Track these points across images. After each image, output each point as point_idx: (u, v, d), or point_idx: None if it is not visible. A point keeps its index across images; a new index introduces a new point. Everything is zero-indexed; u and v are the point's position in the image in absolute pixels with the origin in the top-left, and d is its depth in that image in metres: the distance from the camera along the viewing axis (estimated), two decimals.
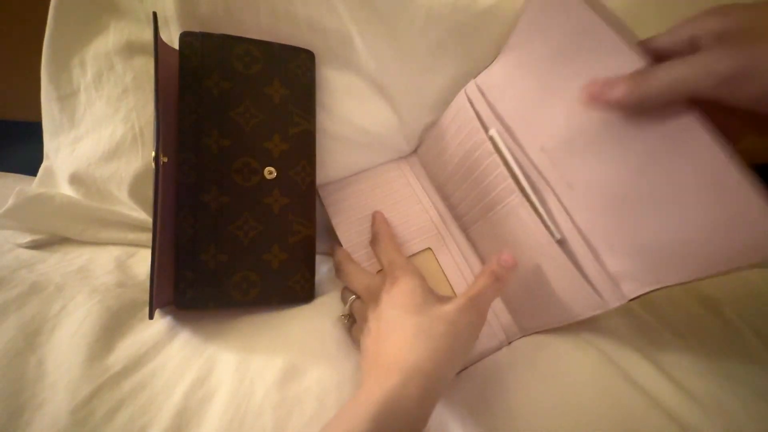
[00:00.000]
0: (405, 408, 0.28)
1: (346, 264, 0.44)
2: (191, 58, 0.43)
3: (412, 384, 0.29)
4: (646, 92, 0.28)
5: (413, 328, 0.33)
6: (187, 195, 0.42)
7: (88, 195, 0.54)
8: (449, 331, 0.32)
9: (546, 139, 0.38)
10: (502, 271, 0.35)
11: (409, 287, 0.36)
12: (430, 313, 0.34)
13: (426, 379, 0.29)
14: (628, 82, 0.29)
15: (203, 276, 0.42)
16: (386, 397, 0.28)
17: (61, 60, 0.52)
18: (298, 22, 0.46)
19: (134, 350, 0.38)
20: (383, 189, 0.50)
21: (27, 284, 0.42)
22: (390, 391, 0.28)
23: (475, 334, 0.34)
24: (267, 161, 0.44)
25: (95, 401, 0.33)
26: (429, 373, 0.30)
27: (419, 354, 0.31)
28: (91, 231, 0.53)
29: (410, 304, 0.35)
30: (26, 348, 0.37)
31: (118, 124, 0.51)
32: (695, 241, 0.29)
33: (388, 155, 0.53)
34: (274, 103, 0.45)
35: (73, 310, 0.41)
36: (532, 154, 0.39)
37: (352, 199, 0.49)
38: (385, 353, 0.32)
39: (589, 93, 0.31)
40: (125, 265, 0.50)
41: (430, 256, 0.46)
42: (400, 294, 0.36)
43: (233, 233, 0.43)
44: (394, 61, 0.47)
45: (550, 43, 0.36)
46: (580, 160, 0.35)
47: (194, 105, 0.43)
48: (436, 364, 0.30)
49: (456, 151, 0.46)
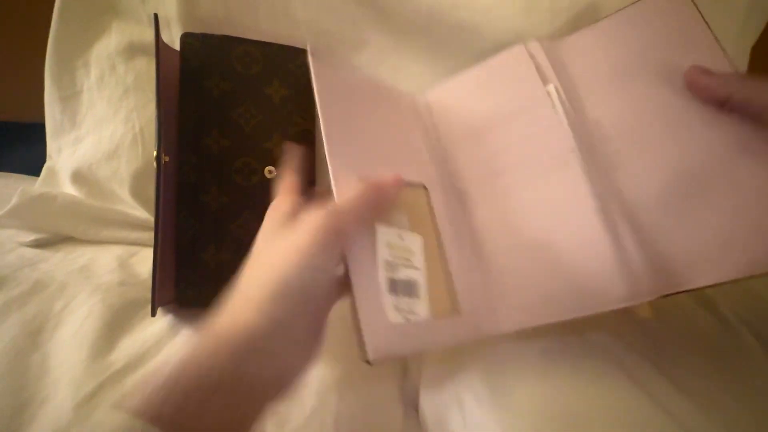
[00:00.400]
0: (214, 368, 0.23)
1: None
2: (192, 58, 0.44)
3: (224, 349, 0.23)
4: (733, 95, 0.31)
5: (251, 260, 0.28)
6: (187, 194, 0.43)
7: (90, 194, 0.55)
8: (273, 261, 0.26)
9: (607, 115, 0.38)
10: (385, 182, 0.31)
11: (276, 202, 0.32)
12: (273, 237, 0.28)
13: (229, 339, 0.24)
14: (725, 78, 0.32)
15: (204, 275, 0.43)
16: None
17: (65, 61, 0.52)
18: (297, 23, 0.46)
19: (136, 348, 0.39)
20: (388, 111, 0.42)
21: (30, 282, 0.43)
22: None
23: (325, 275, 0.26)
24: (267, 161, 0.45)
25: (98, 398, 0.34)
26: (229, 329, 0.24)
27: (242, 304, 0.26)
28: (94, 230, 0.54)
29: (270, 223, 0.30)
30: (29, 345, 0.37)
31: (119, 125, 0.51)
32: (744, 238, 0.31)
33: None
34: (274, 103, 0.45)
35: (75, 308, 0.41)
36: (588, 123, 0.38)
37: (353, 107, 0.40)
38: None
39: (690, 74, 0.33)
40: (127, 264, 0.50)
41: (422, 194, 0.39)
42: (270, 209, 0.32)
43: (234, 232, 0.43)
44: (395, 60, 0.48)
45: (649, 31, 0.38)
46: (648, 141, 0.36)
47: (195, 105, 0.43)
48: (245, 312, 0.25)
49: (492, 103, 0.41)
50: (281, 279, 0.25)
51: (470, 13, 0.46)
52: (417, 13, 0.46)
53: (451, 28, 0.46)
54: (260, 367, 0.23)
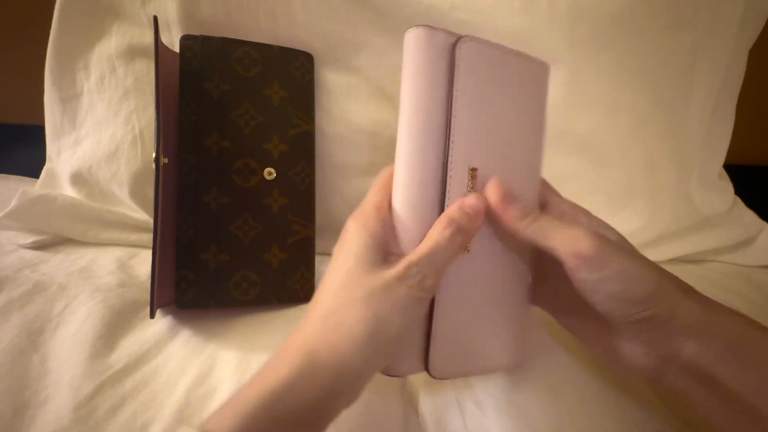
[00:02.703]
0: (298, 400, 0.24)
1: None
2: (192, 60, 0.44)
3: (309, 375, 0.24)
4: (521, 231, 0.28)
5: (335, 296, 0.26)
6: (187, 196, 0.43)
7: (90, 196, 0.55)
8: (372, 309, 0.25)
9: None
10: (464, 219, 0.27)
11: (349, 235, 0.28)
12: (360, 278, 0.26)
13: (324, 371, 0.24)
14: (518, 213, 0.28)
15: (204, 276, 0.43)
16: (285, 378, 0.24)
17: (66, 63, 0.53)
18: (297, 24, 0.47)
19: (136, 348, 0.39)
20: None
21: (30, 284, 0.43)
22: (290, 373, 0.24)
23: (415, 311, 0.27)
24: (266, 162, 0.45)
25: (98, 398, 0.34)
26: (329, 363, 0.25)
27: (327, 334, 0.25)
28: (94, 231, 0.54)
29: (347, 255, 0.27)
30: (30, 346, 0.37)
31: (119, 126, 0.51)
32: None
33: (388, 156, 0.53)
34: (274, 104, 0.45)
35: (75, 309, 0.41)
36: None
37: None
38: (314, 305, 0.27)
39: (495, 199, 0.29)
40: (127, 265, 0.50)
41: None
42: (343, 241, 0.29)
43: (233, 233, 0.44)
44: (395, 60, 0.48)
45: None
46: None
47: (194, 107, 0.43)
48: (344, 352, 0.25)
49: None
50: (378, 323, 0.25)
51: (469, 14, 0.46)
52: (415, 14, 0.46)
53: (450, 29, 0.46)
54: (346, 400, 0.26)
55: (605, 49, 0.50)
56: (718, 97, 0.55)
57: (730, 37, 0.53)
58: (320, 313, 0.26)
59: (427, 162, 0.28)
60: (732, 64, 0.55)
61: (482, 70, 0.29)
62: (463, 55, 0.28)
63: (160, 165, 0.38)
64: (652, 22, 0.50)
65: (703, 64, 0.52)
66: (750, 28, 0.55)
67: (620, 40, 0.50)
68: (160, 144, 0.38)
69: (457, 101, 0.28)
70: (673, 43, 0.51)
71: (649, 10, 0.49)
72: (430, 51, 0.28)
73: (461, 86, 0.28)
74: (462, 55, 0.28)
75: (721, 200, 0.60)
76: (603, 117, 0.51)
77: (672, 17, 0.50)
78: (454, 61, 0.28)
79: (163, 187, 0.39)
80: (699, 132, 0.55)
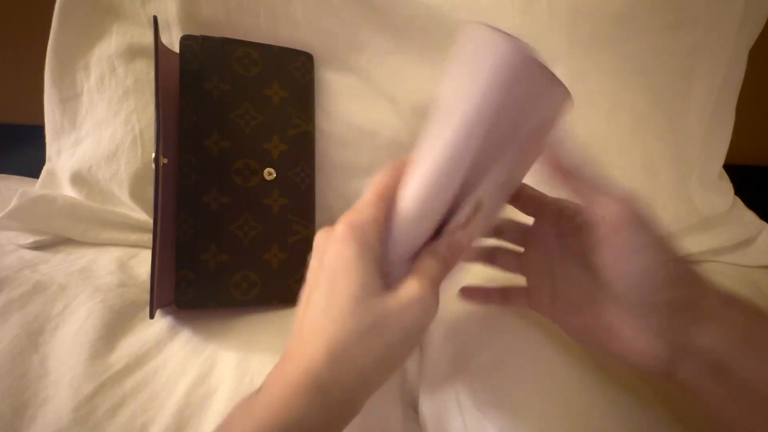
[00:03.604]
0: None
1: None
2: (192, 61, 0.44)
3: (322, 414, 0.24)
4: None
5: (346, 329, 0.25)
6: (187, 196, 0.43)
7: (90, 196, 0.55)
8: (385, 340, 0.25)
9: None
10: (450, 255, 0.28)
11: (350, 253, 0.26)
12: (368, 306, 0.25)
13: (335, 407, 0.24)
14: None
15: (204, 276, 0.43)
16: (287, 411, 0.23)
17: (66, 64, 0.53)
18: (297, 25, 0.47)
19: (136, 349, 0.39)
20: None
21: (30, 284, 0.43)
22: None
23: (421, 336, 0.27)
24: (266, 162, 0.45)
25: (97, 398, 0.34)
26: (340, 400, 0.25)
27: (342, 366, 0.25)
28: (93, 232, 0.54)
29: (352, 280, 0.26)
30: (29, 346, 0.37)
31: (119, 126, 0.51)
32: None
33: (388, 156, 0.54)
34: (274, 104, 0.45)
35: (75, 310, 0.41)
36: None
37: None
38: (311, 327, 0.26)
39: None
40: (127, 265, 0.50)
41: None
42: (333, 253, 0.27)
43: (233, 233, 0.44)
44: (395, 61, 0.48)
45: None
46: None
47: (194, 107, 0.43)
48: (357, 389, 0.25)
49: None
50: (389, 351, 0.25)
51: (469, 14, 0.46)
52: (416, 14, 0.46)
53: (451, 29, 0.46)
54: (350, 420, 0.26)
55: (605, 49, 0.50)
56: (718, 98, 0.55)
57: (730, 38, 0.53)
58: (324, 343, 0.25)
59: (453, 184, 0.26)
60: (732, 65, 0.55)
61: (538, 103, 0.26)
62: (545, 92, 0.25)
63: (160, 165, 0.38)
64: (652, 23, 0.50)
65: (703, 65, 0.52)
66: (750, 28, 0.55)
67: (620, 41, 0.50)
68: (160, 144, 0.38)
69: (518, 130, 0.25)
70: (673, 44, 0.51)
71: (649, 10, 0.49)
72: (524, 74, 0.24)
73: (529, 117, 0.25)
74: (545, 92, 0.25)
75: (721, 200, 0.60)
76: (603, 117, 0.51)
77: (672, 17, 0.50)
78: (535, 89, 0.25)
79: (163, 187, 0.39)
80: (699, 132, 0.55)
